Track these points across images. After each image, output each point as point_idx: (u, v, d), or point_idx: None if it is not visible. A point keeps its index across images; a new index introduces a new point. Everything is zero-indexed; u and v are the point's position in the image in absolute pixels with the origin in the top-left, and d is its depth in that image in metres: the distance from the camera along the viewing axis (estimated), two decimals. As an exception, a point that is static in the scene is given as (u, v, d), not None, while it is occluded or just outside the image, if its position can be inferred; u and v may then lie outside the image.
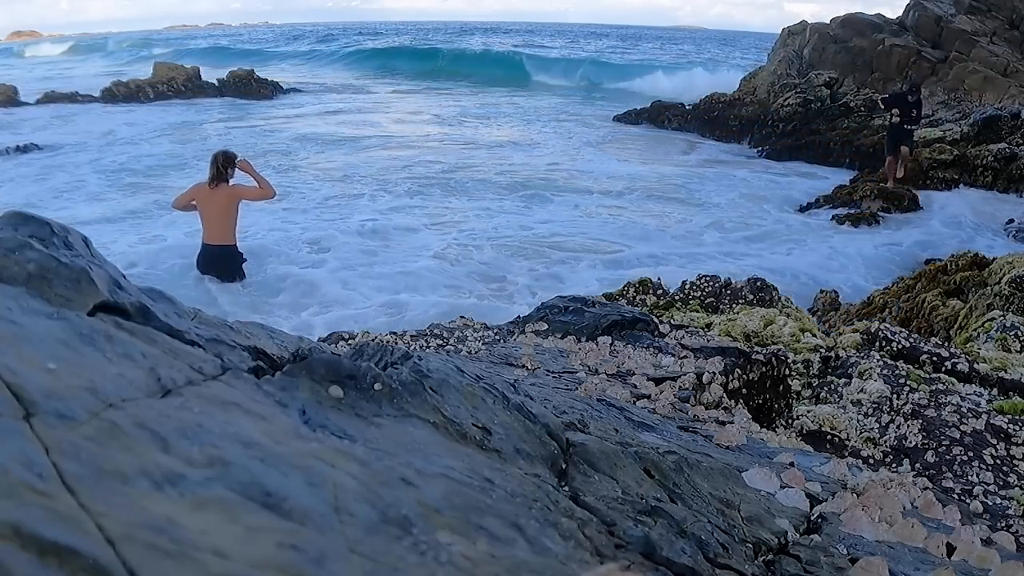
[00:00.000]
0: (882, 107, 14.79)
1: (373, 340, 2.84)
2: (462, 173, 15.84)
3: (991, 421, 3.16)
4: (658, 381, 2.29)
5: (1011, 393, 3.58)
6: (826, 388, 3.55)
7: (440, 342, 3.00)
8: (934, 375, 3.64)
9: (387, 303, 8.11)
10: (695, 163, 18.11)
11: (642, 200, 14.10)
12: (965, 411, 3.22)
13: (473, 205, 13.23)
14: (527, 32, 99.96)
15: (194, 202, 7.02)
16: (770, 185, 15.59)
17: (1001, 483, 2.80)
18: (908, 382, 3.45)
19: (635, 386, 2.21)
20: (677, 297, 5.12)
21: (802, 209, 13.60)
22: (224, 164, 6.79)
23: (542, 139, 21.03)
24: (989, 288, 6.35)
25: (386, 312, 7.78)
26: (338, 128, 22.13)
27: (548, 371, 2.26)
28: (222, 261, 7.06)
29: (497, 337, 3.06)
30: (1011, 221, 12.46)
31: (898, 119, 13.65)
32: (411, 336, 3.12)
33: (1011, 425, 3.14)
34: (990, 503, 2.65)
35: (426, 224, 11.79)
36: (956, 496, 2.64)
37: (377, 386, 1.03)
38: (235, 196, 6.89)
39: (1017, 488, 2.77)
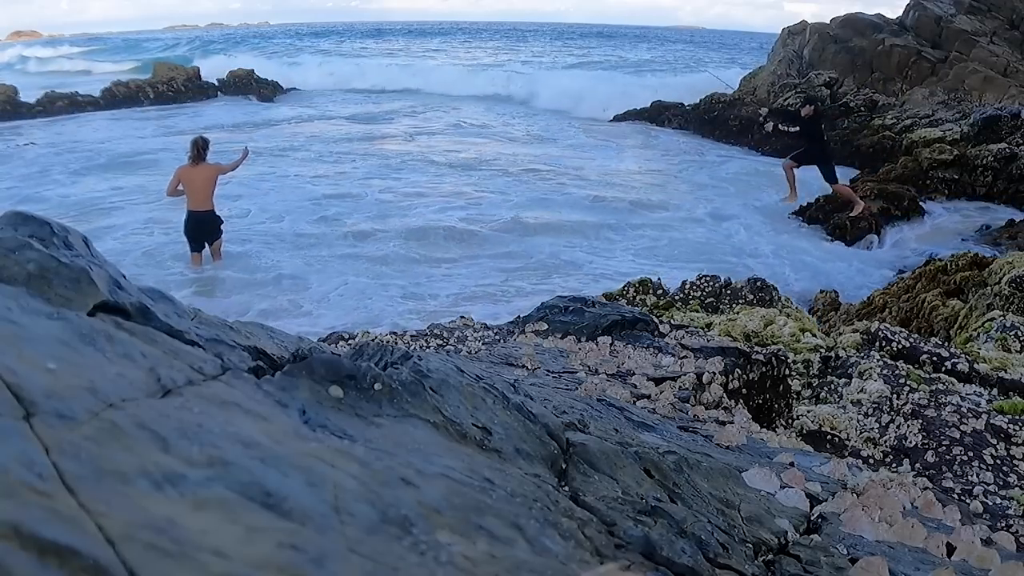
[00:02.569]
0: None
1: (373, 340, 2.84)
2: (475, 163, 16.60)
3: (991, 421, 3.16)
4: (658, 381, 2.29)
5: (1011, 393, 3.58)
6: (826, 388, 3.56)
7: (440, 342, 3.00)
8: (934, 375, 3.64)
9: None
10: (689, 161, 18.21)
11: (627, 194, 14.40)
12: (965, 411, 3.22)
13: (484, 190, 14.06)
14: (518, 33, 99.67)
15: (180, 185, 8.50)
16: (764, 185, 15.65)
17: (1001, 483, 2.81)
18: (908, 382, 3.45)
19: (635, 386, 2.21)
20: (677, 297, 5.13)
21: (797, 213, 13.50)
22: (203, 147, 8.43)
23: (537, 138, 21.25)
24: (989, 288, 6.35)
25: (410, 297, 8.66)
26: (349, 126, 22.41)
27: (548, 371, 2.26)
28: (206, 223, 8.64)
29: (497, 337, 3.06)
30: (1011, 223, 12.43)
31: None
32: (411, 336, 3.13)
33: (1011, 425, 3.14)
34: (990, 503, 2.65)
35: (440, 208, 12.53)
36: (956, 496, 2.64)
37: (377, 386, 1.03)
38: (215, 171, 8.55)
39: (1017, 488, 2.77)
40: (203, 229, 8.66)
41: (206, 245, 8.78)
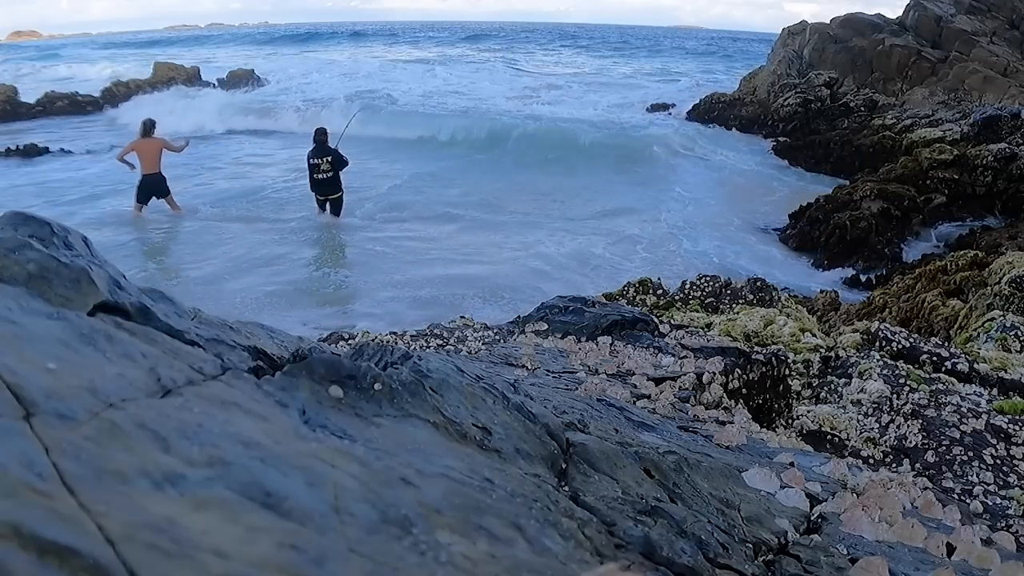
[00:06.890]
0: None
1: (373, 340, 2.83)
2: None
3: (991, 421, 3.16)
4: (658, 381, 2.29)
5: (1011, 393, 3.58)
6: (826, 388, 3.55)
7: (440, 342, 3.00)
8: (934, 375, 3.64)
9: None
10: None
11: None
12: (965, 411, 3.22)
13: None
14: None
15: (132, 152, 11.51)
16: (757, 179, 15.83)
17: (1001, 483, 2.80)
18: (908, 382, 3.45)
19: (635, 386, 2.21)
20: (677, 297, 5.13)
21: (792, 215, 13.49)
22: (151, 126, 11.64)
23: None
24: (989, 288, 6.35)
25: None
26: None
27: (548, 371, 2.26)
28: (156, 183, 11.63)
29: (497, 337, 3.06)
30: (1012, 223, 12.42)
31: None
32: (411, 336, 3.13)
33: (1011, 425, 3.14)
34: (990, 503, 2.65)
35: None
36: (956, 496, 2.64)
37: (377, 386, 1.03)
38: (161, 144, 11.71)
39: (1017, 488, 2.77)
40: (152, 188, 11.59)
41: (153, 199, 11.60)
